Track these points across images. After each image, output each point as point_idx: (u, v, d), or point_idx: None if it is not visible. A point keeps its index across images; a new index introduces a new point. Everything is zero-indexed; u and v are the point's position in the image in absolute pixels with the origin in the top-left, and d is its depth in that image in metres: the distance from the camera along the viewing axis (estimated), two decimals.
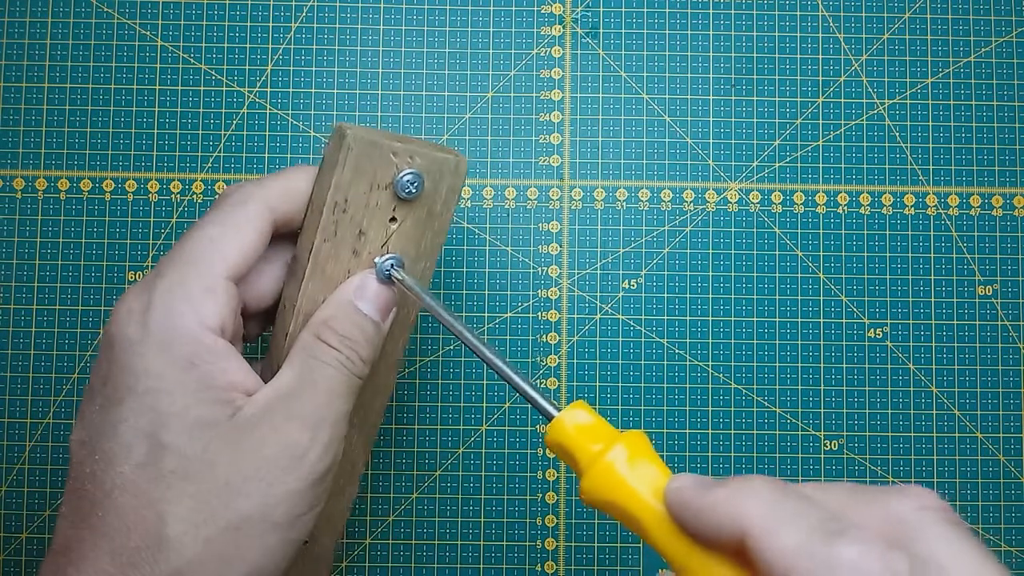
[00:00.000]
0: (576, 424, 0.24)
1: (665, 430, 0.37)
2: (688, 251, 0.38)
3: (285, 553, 0.24)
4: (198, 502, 0.23)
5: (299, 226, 0.27)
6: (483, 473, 0.37)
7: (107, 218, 0.38)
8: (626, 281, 0.38)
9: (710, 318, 0.38)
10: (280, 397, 0.24)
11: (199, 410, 0.23)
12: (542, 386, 0.38)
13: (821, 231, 0.38)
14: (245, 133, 0.38)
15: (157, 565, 0.22)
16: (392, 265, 0.27)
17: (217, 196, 0.27)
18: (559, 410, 0.24)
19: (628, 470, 0.22)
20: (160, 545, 0.22)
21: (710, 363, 0.38)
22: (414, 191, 0.27)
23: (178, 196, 0.38)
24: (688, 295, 0.38)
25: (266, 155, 0.38)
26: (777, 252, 0.38)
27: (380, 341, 0.27)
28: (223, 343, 0.24)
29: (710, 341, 0.38)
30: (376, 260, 0.27)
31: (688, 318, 0.38)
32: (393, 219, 0.27)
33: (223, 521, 0.23)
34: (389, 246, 0.27)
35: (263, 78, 0.38)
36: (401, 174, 0.26)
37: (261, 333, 0.29)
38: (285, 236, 0.28)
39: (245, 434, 0.24)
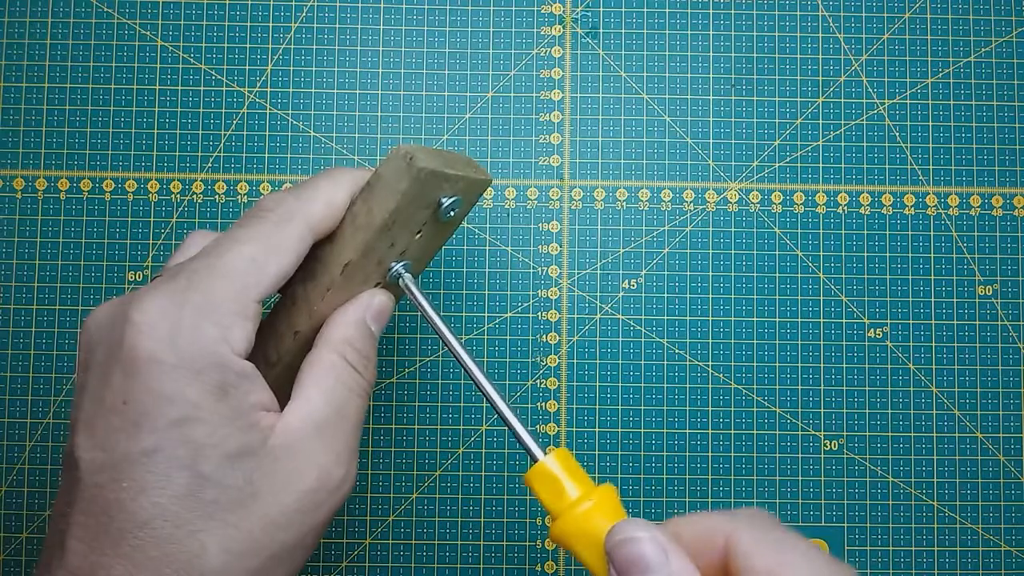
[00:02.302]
0: (556, 470, 0.25)
1: (665, 430, 0.37)
2: (688, 251, 0.38)
3: (295, 567, 0.25)
4: (240, 532, 0.23)
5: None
6: (483, 473, 0.37)
7: (107, 218, 0.38)
8: (626, 281, 0.38)
9: (710, 318, 0.38)
10: (315, 425, 0.25)
11: (236, 439, 0.23)
12: (542, 386, 0.38)
13: (821, 231, 0.38)
14: (245, 133, 0.38)
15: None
16: (400, 272, 0.28)
17: (254, 204, 0.26)
18: (543, 451, 0.25)
19: (589, 525, 0.23)
20: (199, 572, 0.22)
21: (710, 363, 0.38)
22: (452, 215, 0.28)
23: (178, 196, 0.38)
24: (688, 295, 0.38)
25: (266, 155, 0.38)
26: (777, 252, 0.38)
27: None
28: (249, 367, 0.24)
29: (710, 341, 0.38)
30: (390, 266, 0.28)
31: (688, 318, 0.38)
32: (419, 232, 0.28)
33: (267, 552, 0.23)
34: (407, 254, 0.28)
35: (263, 78, 0.38)
36: (448, 201, 0.27)
37: None
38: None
39: (282, 463, 0.24)
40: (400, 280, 0.28)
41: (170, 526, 0.22)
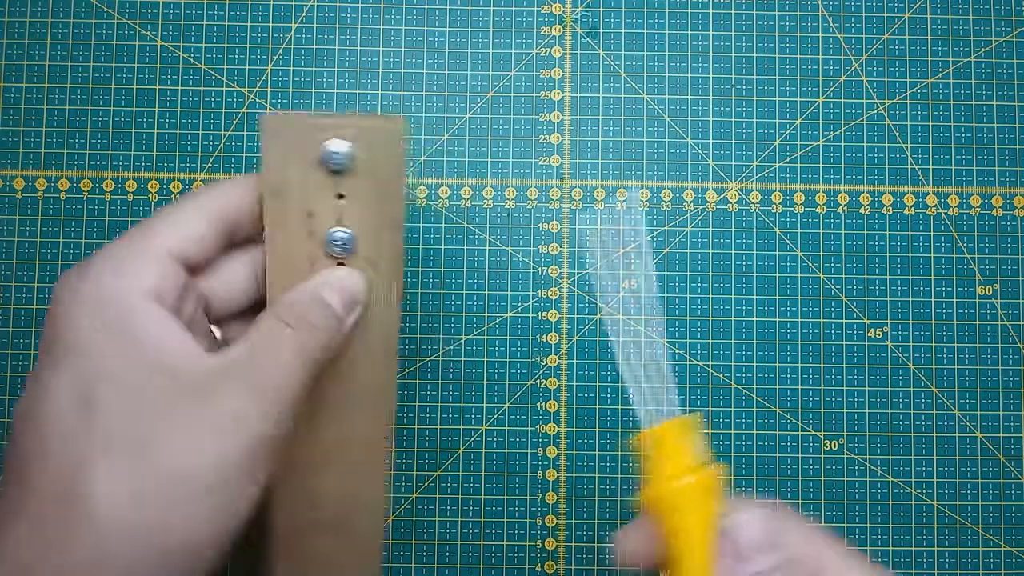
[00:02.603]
0: (683, 436, 0.26)
1: None
2: (688, 251, 0.38)
3: (220, 526, 0.23)
4: (126, 464, 0.22)
5: (251, 232, 0.27)
6: (483, 473, 0.37)
7: (107, 218, 0.38)
8: (626, 281, 0.38)
9: (710, 318, 0.38)
10: (226, 366, 0.24)
11: (134, 374, 0.23)
12: (542, 386, 0.38)
13: (821, 231, 0.38)
14: (245, 133, 0.38)
15: (82, 525, 0.21)
16: (346, 241, 0.27)
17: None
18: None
19: (705, 498, 0.24)
20: (83, 505, 0.22)
21: (710, 363, 0.38)
22: (344, 161, 0.26)
23: (178, 196, 0.38)
24: (688, 295, 0.38)
25: None
26: (777, 252, 0.38)
27: (341, 333, 0.26)
28: (160, 310, 0.24)
29: (710, 341, 0.38)
30: (329, 237, 0.27)
31: (688, 318, 0.38)
32: (340, 196, 0.27)
33: (150, 486, 0.22)
34: (343, 222, 0.27)
35: (263, 78, 0.38)
36: (325, 145, 0.26)
37: None
38: (256, 243, 0.28)
39: (183, 399, 0.23)
40: (342, 247, 0.27)
41: (59, 457, 0.22)
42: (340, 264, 0.27)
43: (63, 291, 0.24)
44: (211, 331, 0.27)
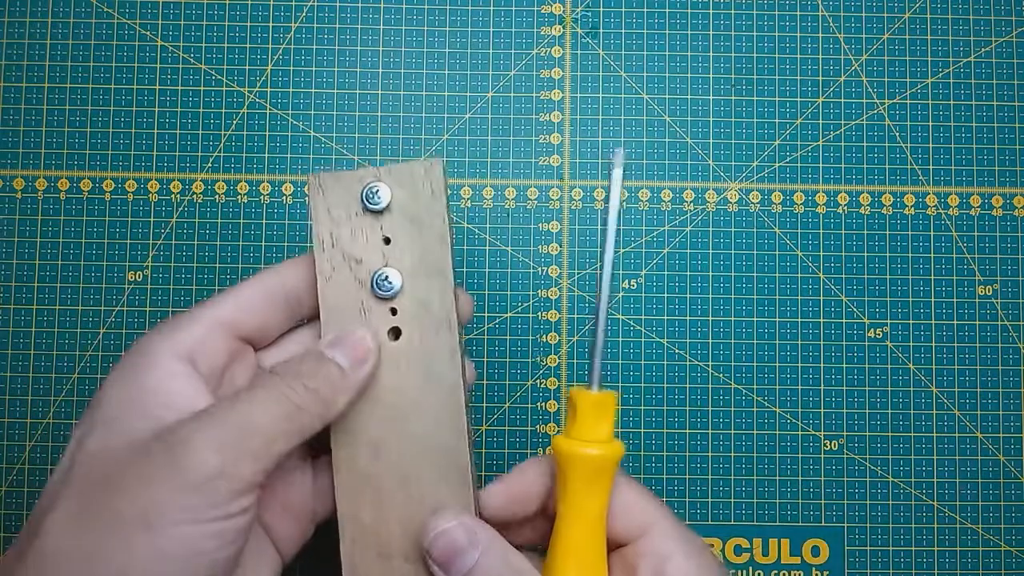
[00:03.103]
0: (610, 408, 0.27)
1: (665, 430, 0.37)
2: (688, 251, 0.38)
3: (162, 566, 0.22)
4: (83, 498, 0.22)
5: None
6: (483, 473, 0.37)
7: (107, 218, 0.38)
8: (626, 281, 0.38)
9: (710, 318, 0.38)
10: (199, 411, 0.24)
11: (127, 418, 0.24)
12: (542, 386, 0.38)
13: (821, 231, 0.38)
14: (245, 133, 0.38)
15: (30, 554, 0.22)
16: (389, 280, 0.27)
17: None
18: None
19: (596, 467, 0.26)
20: (37, 535, 0.22)
21: (710, 363, 0.38)
22: (380, 200, 0.27)
23: (178, 196, 0.38)
24: (688, 295, 0.38)
25: (266, 155, 0.38)
26: (777, 252, 0.38)
27: (350, 386, 0.26)
28: (183, 367, 0.25)
29: (710, 341, 0.38)
30: (374, 277, 0.27)
31: (688, 318, 0.38)
32: (386, 240, 0.27)
33: (99, 518, 0.22)
34: (389, 266, 0.27)
35: (263, 78, 0.38)
36: (364, 188, 0.27)
37: None
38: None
39: (151, 441, 0.23)
40: (386, 290, 0.27)
41: (43, 499, 0.23)
42: (392, 309, 0.27)
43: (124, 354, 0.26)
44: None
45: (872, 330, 0.38)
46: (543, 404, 0.37)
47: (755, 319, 0.38)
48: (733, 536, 0.37)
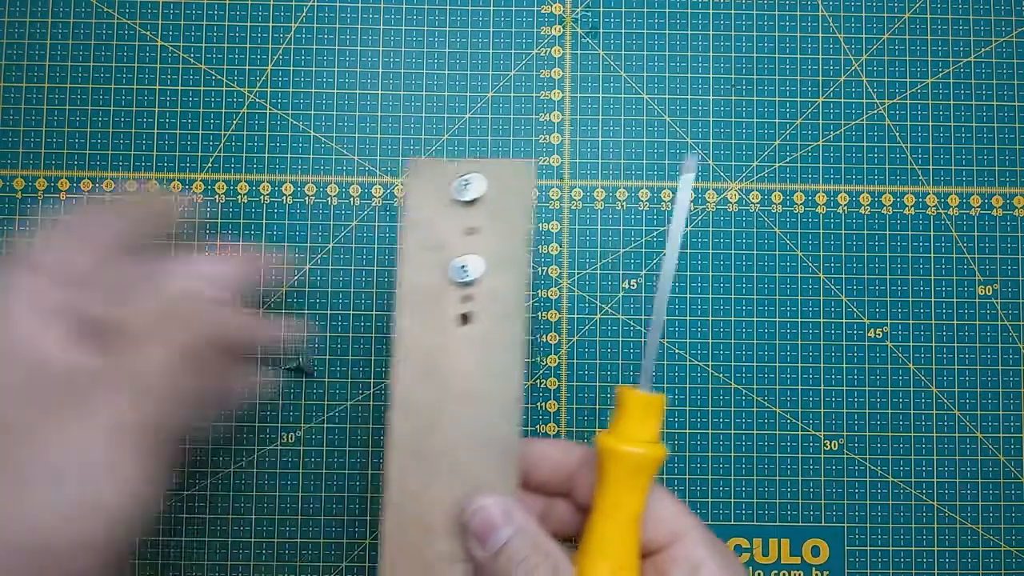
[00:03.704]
0: (658, 410, 0.27)
1: (665, 430, 0.37)
2: (688, 251, 0.38)
3: (82, 512, 0.23)
4: None
5: None
6: None
7: None
8: (626, 281, 0.38)
9: (710, 318, 0.38)
10: (98, 360, 0.25)
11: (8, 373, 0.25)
12: (542, 386, 0.38)
13: (821, 231, 0.38)
14: (245, 133, 0.38)
15: None
16: (467, 268, 0.28)
17: None
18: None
19: (638, 465, 0.27)
20: None
21: (710, 363, 0.38)
22: (472, 192, 0.28)
23: (179, 195, 0.38)
24: (688, 295, 0.38)
25: (266, 155, 0.38)
26: (777, 252, 0.38)
27: (222, 317, 0.28)
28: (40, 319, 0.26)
29: (710, 341, 0.38)
30: (452, 263, 0.28)
31: (688, 318, 0.38)
32: (470, 230, 0.28)
33: (7, 473, 0.23)
34: (469, 254, 0.28)
35: (263, 78, 0.38)
36: (458, 178, 0.28)
37: None
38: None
39: (51, 387, 0.24)
40: (466, 277, 0.28)
41: None
42: (466, 296, 0.28)
43: None
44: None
45: (872, 330, 0.38)
46: (543, 404, 0.37)
47: (755, 319, 0.38)
48: (733, 536, 0.37)
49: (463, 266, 0.28)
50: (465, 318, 0.28)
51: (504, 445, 0.28)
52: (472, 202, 0.28)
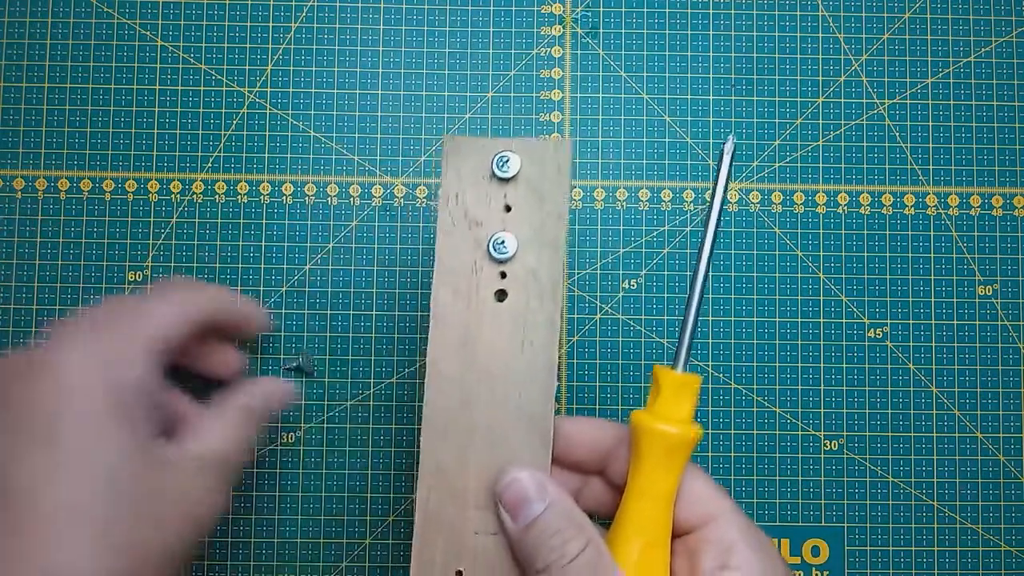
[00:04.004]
0: (694, 390, 0.28)
1: None
2: (688, 251, 0.38)
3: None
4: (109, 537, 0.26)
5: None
6: None
7: (107, 218, 0.38)
8: (626, 281, 0.38)
9: (710, 318, 0.38)
10: (203, 455, 0.29)
11: (114, 452, 0.26)
12: None
13: (821, 231, 0.38)
14: (245, 133, 0.38)
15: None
16: (505, 244, 0.28)
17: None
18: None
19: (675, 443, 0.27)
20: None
21: (710, 363, 0.38)
22: (510, 169, 0.28)
23: (178, 196, 0.38)
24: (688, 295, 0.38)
25: (266, 155, 0.38)
26: (777, 252, 0.38)
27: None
28: (144, 393, 0.28)
29: (710, 341, 0.38)
30: (490, 242, 0.28)
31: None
32: (508, 208, 0.28)
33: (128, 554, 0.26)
34: (507, 231, 0.28)
35: (263, 78, 0.38)
36: (496, 155, 0.28)
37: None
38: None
39: (169, 481, 0.27)
40: (500, 256, 0.28)
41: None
42: (502, 273, 0.29)
43: (70, 353, 0.27)
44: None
45: (872, 330, 0.38)
46: None
47: (755, 319, 0.38)
48: None
49: (502, 242, 0.28)
50: (502, 294, 0.29)
51: (538, 421, 0.28)
52: (509, 180, 0.28)
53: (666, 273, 0.38)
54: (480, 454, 0.28)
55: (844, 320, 0.38)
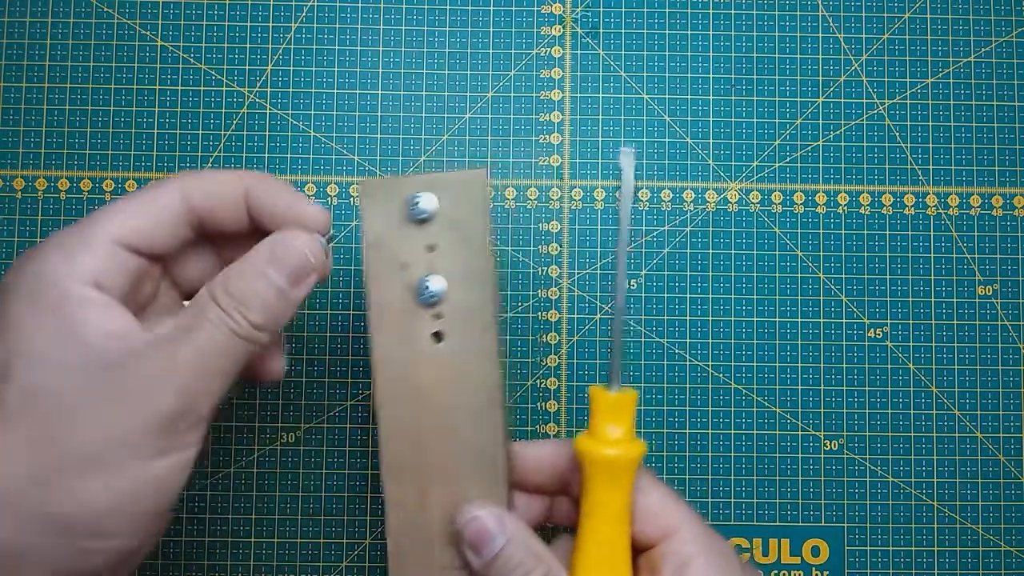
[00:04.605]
0: (630, 409, 0.28)
1: (665, 430, 0.37)
2: (688, 251, 0.38)
3: (127, 497, 0.24)
4: (31, 432, 0.23)
5: (225, 226, 0.27)
6: None
7: None
8: (626, 281, 0.38)
9: (710, 318, 0.38)
10: (146, 344, 0.24)
11: (54, 349, 0.23)
12: (542, 386, 0.38)
13: (821, 231, 0.38)
14: (245, 133, 0.38)
15: None
16: (431, 287, 0.28)
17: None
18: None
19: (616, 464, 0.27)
20: None
21: (710, 363, 0.38)
22: (424, 210, 0.28)
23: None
24: (688, 295, 0.38)
25: (266, 155, 0.38)
26: (777, 252, 0.38)
27: (286, 307, 0.26)
28: (96, 294, 0.24)
29: (710, 341, 0.38)
30: (421, 287, 0.28)
31: (688, 318, 0.38)
32: (431, 248, 0.28)
33: (53, 453, 0.23)
34: (434, 273, 0.28)
35: (263, 78, 0.38)
36: (409, 197, 0.28)
37: None
38: (229, 240, 0.28)
39: (99, 374, 0.23)
40: (428, 298, 0.28)
41: None
42: (436, 314, 0.28)
43: (9, 273, 0.25)
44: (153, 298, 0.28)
45: (872, 330, 0.38)
46: (543, 404, 0.37)
47: (755, 319, 0.38)
48: (733, 536, 0.37)
49: (427, 286, 0.28)
50: (439, 335, 0.29)
51: (489, 457, 0.28)
52: (427, 219, 0.28)
53: (666, 273, 0.38)
54: (439, 493, 0.29)
55: (844, 320, 0.38)
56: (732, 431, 0.37)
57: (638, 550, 0.28)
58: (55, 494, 0.23)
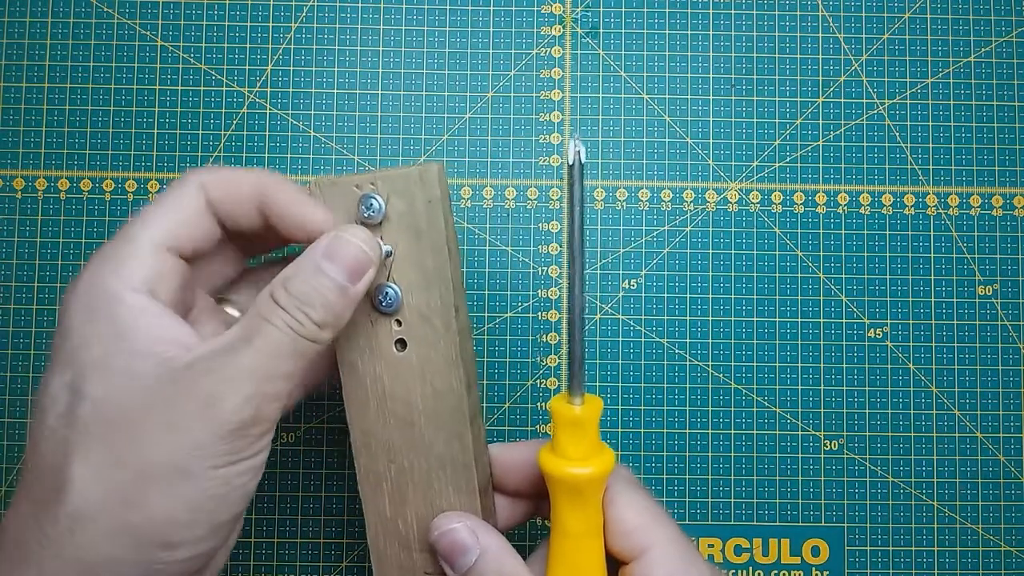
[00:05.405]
0: (592, 423, 0.26)
1: (665, 430, 0.37)
2: (688, 251, 0.38)
3: (204, 505, 0.24)
4: (106, 446, 0.23)
5: (242, 225, 0.27)
6: None
7: (107, 218, 0.38)
8: (626, 281, 0.38)
9: (710, 318, 0.38)
10: (212, 352, 0.24)
11: (118, 362, 0.23)
12: (542, 385, 0.38)
13: (821, 231, 0.38)
14: (245, 133, 0.38)
15: (60, 505, 0.23)
16: (387, 292, 0.27)
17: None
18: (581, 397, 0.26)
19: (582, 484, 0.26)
20: (64, 487, 0.23)
21: (710, 363, 0.38)
22: (377, 212, 0.26)
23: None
24: (688, 295, 0.38)
25: (266, 155, 0.38)
26: (777, 252, 0.38)
27: (347, 304, 0.26)
28: (150, 301, 0.24)
29: (710, 341, 0.38)
30: (379, 293, 0.27)
31: (688, 318, 0.38)
32: (387, 252, 0.27)
33: (129, 466, 0.23)
34: (392, 278, 0.27)
35: (263, 78, 0.38)
36: (360, 198, 0.26)
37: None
38: (252, 241, 0.28)
39: (168, 385, 0.23)
40: (388, 302, 0.27)
41: (49, 444, 0.23)
42: (398, 321, 0.27)
43: (66, 293, 0.25)
44: (229, 316, 0.28)
45: (872, 330, 0.38)
46: (543, 404, 0.37)
47: (755, 319, 0.38)
48: (733, 536, 0.37)
49: (385, 293, 0.27)
50: (402, 343, 0.27)
51: (460, 465, 0.28)
52: (382, 221, 0.27)
53: (666, 273, 0.38)
54: (414, 502, 0.28)
55: (844, 320, 0.38)
56: (732, 431, 0.37)
57: (619, 564, 0.27)
58: (133, 507, 0.23)
